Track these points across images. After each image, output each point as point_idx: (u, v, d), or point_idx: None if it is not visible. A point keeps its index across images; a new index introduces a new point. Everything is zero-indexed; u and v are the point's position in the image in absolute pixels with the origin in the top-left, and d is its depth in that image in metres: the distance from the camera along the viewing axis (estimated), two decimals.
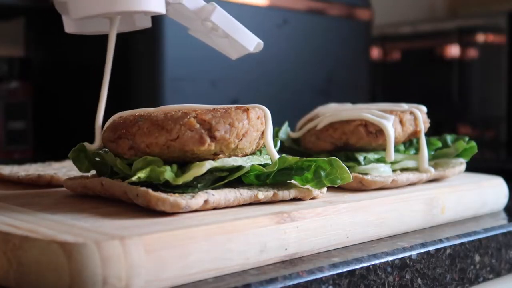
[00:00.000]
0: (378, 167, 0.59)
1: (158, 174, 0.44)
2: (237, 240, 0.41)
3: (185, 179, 0.44)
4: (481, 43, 1.43)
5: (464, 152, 0.65)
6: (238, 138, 0.47)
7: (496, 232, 0.58)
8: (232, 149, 0.47)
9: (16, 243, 0.37)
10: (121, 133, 0.47)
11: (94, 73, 1.00)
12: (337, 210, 0.49)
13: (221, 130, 0.45)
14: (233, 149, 0.47)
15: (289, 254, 0.45)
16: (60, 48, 1.08)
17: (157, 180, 0.44)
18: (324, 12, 1.12)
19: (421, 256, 0.50)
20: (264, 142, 0.49)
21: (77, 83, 1.03)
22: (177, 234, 0.39)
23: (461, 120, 1.44)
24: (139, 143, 0.46)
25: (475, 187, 0.63)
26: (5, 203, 0.48)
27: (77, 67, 1.04)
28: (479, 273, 0.56)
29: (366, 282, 0.45)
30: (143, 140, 0.46)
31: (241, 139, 0.47)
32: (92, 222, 0.41)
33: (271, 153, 0.49)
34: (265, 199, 0.48)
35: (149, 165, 0.45)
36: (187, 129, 0.45)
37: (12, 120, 1.05)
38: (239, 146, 0.47)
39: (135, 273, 0.36)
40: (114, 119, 0.49)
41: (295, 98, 1.06)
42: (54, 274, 0.36)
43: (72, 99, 1.04)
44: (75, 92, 1.03)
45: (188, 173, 0.44)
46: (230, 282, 0.39)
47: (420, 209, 0.56)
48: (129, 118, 0.47)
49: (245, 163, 0.47)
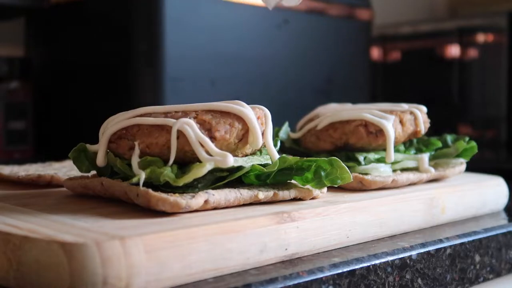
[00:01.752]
0: (378, 167, 0.59)
1: (158, 175, 0.44)
2: (237, 240, 0.41)
3: (186, 180, 0.44)
4: (481, 43, 1.43)
5: (464, 152, 0.65)
6: (238, 138, 0.47)
7: (496, 232, 0.58)
8: (232, 149, 0.47)
9: (16, 243, 0.37)
10: (121, 134, 0.47)
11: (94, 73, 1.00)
12: (337, 210, 0.49)
13: (221, 130, 0.45)
14: (233, 149, 0.47)
15: (289, 254, 0.45)
16: (60, 48, 1.08)
17: (157, 181, 0.44)
18: (324, 12, 1.12)
19: (421, 256, 0.50)
20: (265, 142, 0.49)
21: (77, 83, 1.03)
22: (177, 234, 0.39)
23: (461, 120, 1.44)
24: (139, 143, 0.46)
25: (475, 187, 0.63)
26: (5, 203, 0.48)
27: (77, 67, 1.04)
28: (479, 273, 0.56)
29: (366, 282, 0.45)
30: (143, 141, 0.46)
31: (241, 139, 0.47)
32: (92, 222, 0.41)
33: (271, 153, 0.49)
34: (265, 199, 0.48)
35: (149, 166, 0.45)
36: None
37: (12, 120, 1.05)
38: (239, 146, 0.47)
39: (135, 273, 0.36)
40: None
41: (295, 98, 1.07)
42: (54, 274, 0.36)
43: (72, 99, 1.04)
44: (75, 92, 1.03)
45: (188, 174, 0.44)
46: (230, 282, 0.39)
47: (420, 209, 0.56)
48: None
49: (245, 163, 0.47)
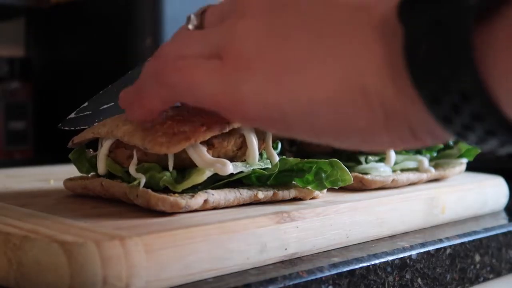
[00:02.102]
0: (378, 167, 0.59)
1: (157, 180, 0.44)
2: (237, 240, 0.41)
3: (185, 186, 0.44)
4: None
5: (468, 152, 0.65)
6: (236, 146, 0.46)
7: (496, 232, 0.58)
8: (231, 156, 0.46)
9: (16, 243, 0.37)
10: (118, 143, 0.47)
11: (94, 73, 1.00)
12: (337, 210, 0.49)
13: (219, 137, 0.45)
14: (232, 156, 0.47)
15: (289, 254, 0.45)
16: (60, 48, 1.08)
17: (157, 186, 0.44)
18: None
19: (421, 256, 0.50)
20: (265, 146, 0.49)
21: (77, 83, 1.03)
22: (177, 234, 0.39)
23: None
24: (136, 151, 0.45)
25: (475, 187, 0.63)
26: (5, 203, 0.48)
27: (78, 67, 1.04)
28: (479, 273, 0.56)
29: (366, 282, 0.45)
30: (140, 148, 0.45)
31: (240, 147, 0.47)
32: (92, 222, 0.41)
33: (271, 158, 0.49)
34: (265, 198, 0.48)
35: (147, 172, 0.44)
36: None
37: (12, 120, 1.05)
38: (239, 155, 0.47)
39: (135, 273, 0.36)
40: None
41: None
42: (54, 274, 0.36)
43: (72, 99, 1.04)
44: (75, 92, 1.03)
45: (187, 181, 0.44)
46: (230, 282, 0.39)
47: (420, 209, 0.56)
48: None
49: (245, 168, 0.47)
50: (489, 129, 0.28)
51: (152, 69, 0.39)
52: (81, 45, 1.02)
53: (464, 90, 0.27)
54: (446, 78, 0.28)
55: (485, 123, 0.28)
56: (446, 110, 0.28)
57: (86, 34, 1.01)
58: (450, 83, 0.28)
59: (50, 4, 1.06)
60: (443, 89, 0.28)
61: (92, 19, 1.00)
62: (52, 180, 0.62)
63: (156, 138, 0.42)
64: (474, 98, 0.27)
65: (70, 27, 1.05)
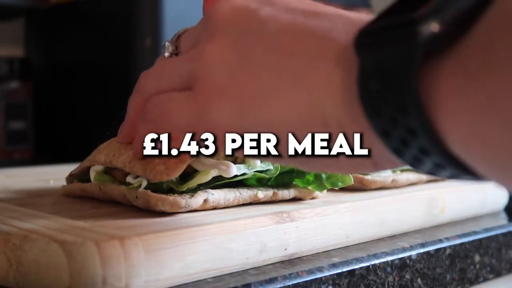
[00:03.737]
0: None
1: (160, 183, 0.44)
2: (236, 240, 0.41)
3: (190, 185, 0.44)
4: None
5: None
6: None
7: (496, 232, 0.58)
8: (232, 159, 0.46)
9: (16, 243, 0.37)
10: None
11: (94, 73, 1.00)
12: (337, 210, 0.49)
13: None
14: (233, 159, 0.47)
15: (289, 254, 0.45)
16: (60, 48, 1.08)
17: (161, 188, 0.44)
18: None
19: (421, 256, 0.50)
20: None
21: (77, 83, 1.03)
22: (177, 234, 0.39)
23: None
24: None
25: (475, 187, 0.63)
26: (5, 203, 0.48)
27: (77, 67, 1.04)
28: (479, 273, 0.56)
29: (366, 282, 0.45)
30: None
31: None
32: (92, 222, 0.41)
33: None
34: (265, 198, 0.48)
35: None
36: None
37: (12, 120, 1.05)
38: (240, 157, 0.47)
39: (135, 273, 0.36)
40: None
41: None
42: (54, 274, 0.36)
43: (72, 99, 1.04)
44: (75, 92, 1.03)
45: (192, 180, 0.44)
46: (230, 282, 0.39)
47: (420, 209, 0.56)
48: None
49: (248, 170, 0.47)
50: (437, 162, 0.29)
51: (134, 106, 0.42)
52: (81, 45, 1.03)
53: (411, 127, 0.28)
54: (393, 116, 0.28)
55: (433, 157, 0.28)
56: (396, 143, 0.29)
57: (86, 34, 1.01)
58: (397, 121, 0.28)
59: (50, 4, 1.06)
60: (391, 124, 0.28)
61: (92, 19, 1.00)
62: (52, 180, 0.62)
63: (155, 167, 0.43)
64: (421, 136, 0.28)
65: (70, 27, 1.05)
